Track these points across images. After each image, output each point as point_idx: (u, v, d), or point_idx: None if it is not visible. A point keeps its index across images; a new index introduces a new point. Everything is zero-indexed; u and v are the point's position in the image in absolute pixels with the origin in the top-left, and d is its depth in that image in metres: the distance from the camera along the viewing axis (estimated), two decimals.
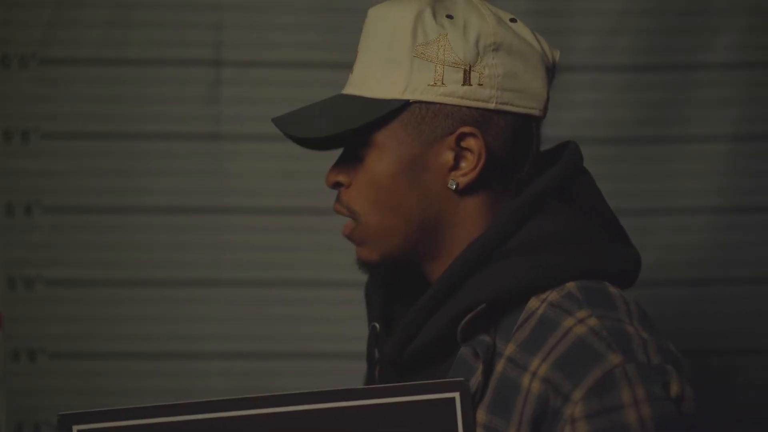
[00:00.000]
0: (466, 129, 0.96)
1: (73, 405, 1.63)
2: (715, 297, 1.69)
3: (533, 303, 0.95)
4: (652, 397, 0.88)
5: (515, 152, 0.99)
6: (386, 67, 0.98)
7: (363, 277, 1.11)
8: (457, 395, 0.93)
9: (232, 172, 1.68)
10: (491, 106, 0.97)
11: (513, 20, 1.00)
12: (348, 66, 1.03)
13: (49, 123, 1.67)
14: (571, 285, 0.95)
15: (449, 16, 0.97)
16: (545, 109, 1.01)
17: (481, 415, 0.93)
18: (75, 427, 0.95)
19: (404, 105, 0.97)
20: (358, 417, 0.94)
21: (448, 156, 0.97)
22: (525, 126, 0.99)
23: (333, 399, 0.94)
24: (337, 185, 1.02)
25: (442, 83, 0.96)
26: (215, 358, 1.69)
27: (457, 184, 0.97)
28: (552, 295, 0.94)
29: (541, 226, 0.97)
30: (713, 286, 1.69)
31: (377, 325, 1.07)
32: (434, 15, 0.97)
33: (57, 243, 1.68)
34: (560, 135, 1.67)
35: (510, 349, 0.94)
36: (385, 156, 0.98)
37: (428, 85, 0.96)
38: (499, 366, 0.93)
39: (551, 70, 1.01)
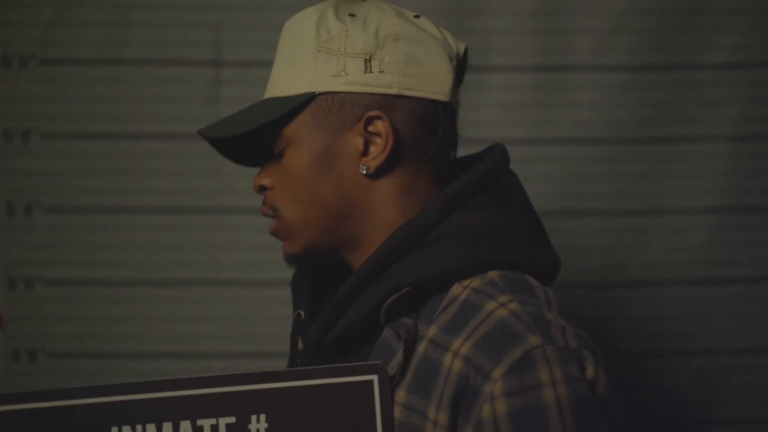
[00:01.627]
0: (372, 113, 1.00)
1: None
2: (715, 297, 1.69)
3: (456, 289, 0.97)
4: (568, 377, 0.90)
5: (422, 136, 1.02)
6: (293, 66, 1.02)
7: None
8: (375, 378, 0.95)
9: (232, 172, 1.68)
10: (394, 91, 1.00)
11: (416, 16, 1.04)
12: None
13: (49, 123, 1.67)
14: (493, 273, 0.97)
15: (351, 15, 1.02)
16: (452, 95, 1.03)
17: (401, 395, 0.95)
18: None
19: (311, 98, 1.00)
20: (279, 399, 0.95)
21: (358, 142, 1.00)
22: (432, 110, 1.02)
23: (255, 381, 0.96)
24: (262, 189, 1.07)
25: (345, 73, 0.99)
26: (215, 358, 1.69)
27: (368, 168, 1.00)
28: (475, 282, 0.97)
29: (466, 218, 1.00)
30: (713, 286, 1.69)
31: (302, 313, 1.10)
32: (336, 14, 1.01)
33: (57, 243, 1.68)
34: (560, 135, 1.68)
35: (432, 331, 0.96)
36: (299, 149, 1.02)
37: (332, 76, 1.00)
38: (421, 347, 0.95)
39: (457, 60, 1.04)
